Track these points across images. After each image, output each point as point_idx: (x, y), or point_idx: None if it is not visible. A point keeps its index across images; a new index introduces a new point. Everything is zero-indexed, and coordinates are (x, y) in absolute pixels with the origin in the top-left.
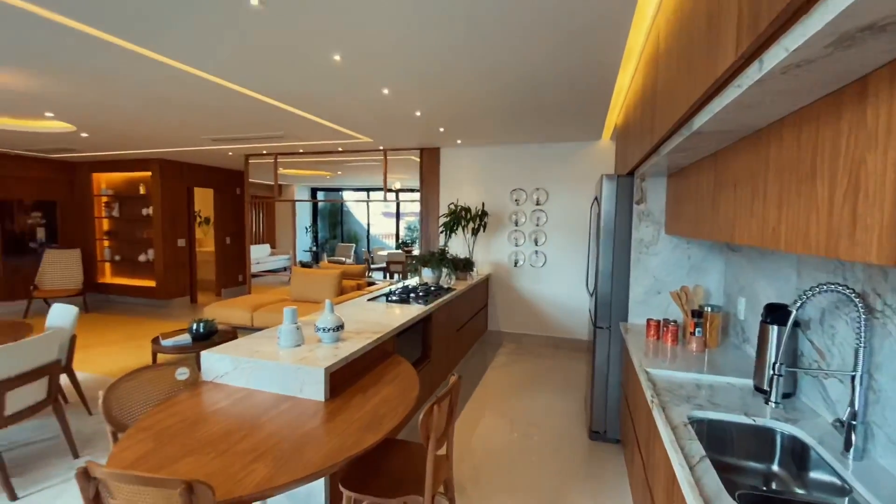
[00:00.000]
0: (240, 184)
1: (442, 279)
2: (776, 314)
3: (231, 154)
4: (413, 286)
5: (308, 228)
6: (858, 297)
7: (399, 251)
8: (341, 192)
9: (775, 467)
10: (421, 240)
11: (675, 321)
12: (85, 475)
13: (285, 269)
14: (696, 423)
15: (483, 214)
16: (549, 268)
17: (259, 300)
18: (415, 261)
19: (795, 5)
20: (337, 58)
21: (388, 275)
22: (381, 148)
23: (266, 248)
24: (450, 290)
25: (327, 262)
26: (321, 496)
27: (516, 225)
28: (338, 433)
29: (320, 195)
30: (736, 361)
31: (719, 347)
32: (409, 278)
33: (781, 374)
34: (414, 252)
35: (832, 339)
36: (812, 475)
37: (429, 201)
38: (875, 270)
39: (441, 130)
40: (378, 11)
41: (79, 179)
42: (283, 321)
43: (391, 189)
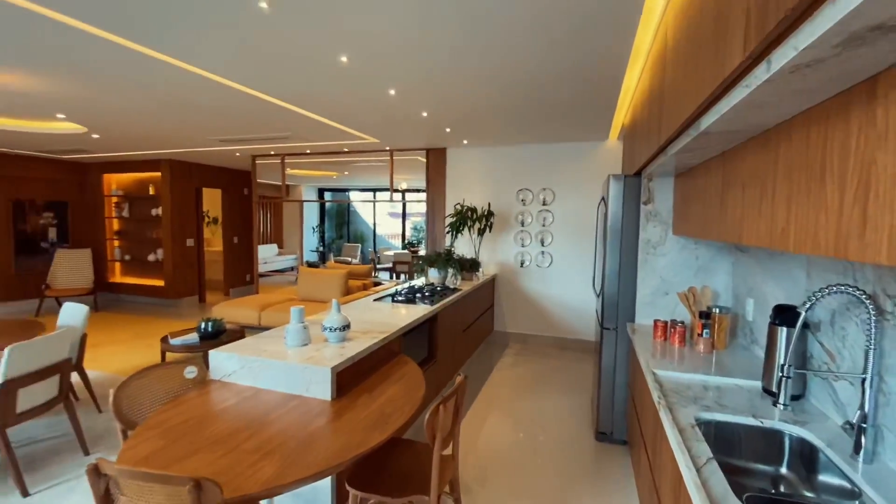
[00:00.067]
0: (247, 184)
1: (448, 279)
2: (785, 315)
3: (238, 155)
4: (419, 286)
5: (315, 228)
6: (869, 299)
7: (405, 251)
8: (348, 193)
9: (784, 470)
10: (427, 240)
11: (683, 322)
12: (96, 472)
13: (292, 269)
14: (704, 425)
15: (489, 215)
16: (556, 268)
17: (266, 300)
18: (421, 261)
19: (804, 5)
20: (344, 59)
21: (395, 275)
22: (388, 148)
23: (273, 248)
24: (456, 291)
25: (334, 262)
26: (327, 495)
27: (522, 225)
28: (344, 432)
29: (327, 195)
30: (744, 363)
31: (727, 349)
32: (416, 278)
33: (790, 376)
34: (420, 252)
35: (842, 341)
36: (821, 478)
37: (435, 201)
38: (885, 271)
39: (447, 131)
40: (384, 12)
41: (90, 180)
42: (290, 321)
43: (397, 189)
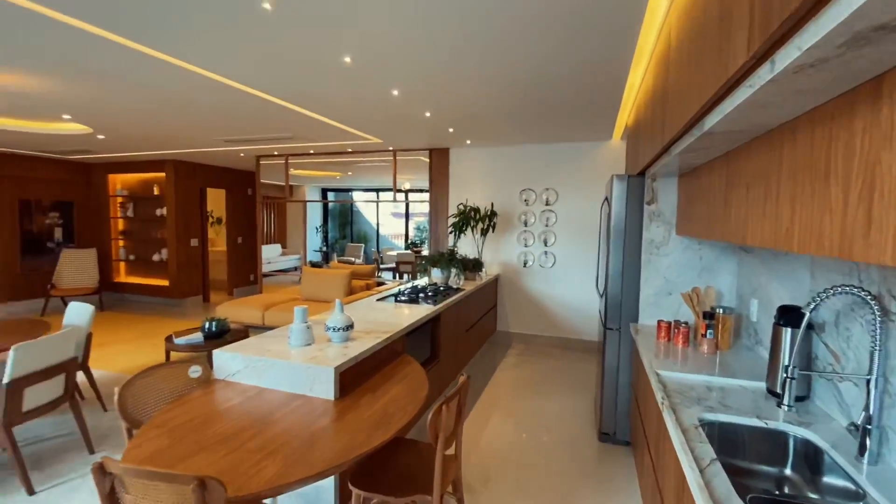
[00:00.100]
0: (251, 184)
1: (451, 279)
2: (789, 316)
3: (243, 155)
4: (422, 286)
5: (318, 228)
6: (874, 300)
7: (408, 251)
8: (351, 193)
9: (788, 471)
10: (430, 240)
11: (687, 323)
12: (101, 470)
13: (296, 269)
14: (707, 426)
15: (492, 215)
16: (559, 268)
17: (270, 299)
18: (424, 261)
19: (808, 5)
20: (347, 59)
21: (398, 275)
22: (391, 149)
23: (277, 248)
24: (459, 291)
25: (337, 262)
26: (330, 494)
27: (525, 225)
28: (347, 432)
29: (331, 196)
30: (748, 364)
31: (731, 349)
32: (419, 278)
33: (795, 377)
34: (423, 252)
35: (847, 342)
36: (825, 479)
37: (438, 202)
38: (890, 272)
39: (450, 131)
40: (387, 12)
41: (95, 180)
42: (294, 320)
43: (400, 189)
